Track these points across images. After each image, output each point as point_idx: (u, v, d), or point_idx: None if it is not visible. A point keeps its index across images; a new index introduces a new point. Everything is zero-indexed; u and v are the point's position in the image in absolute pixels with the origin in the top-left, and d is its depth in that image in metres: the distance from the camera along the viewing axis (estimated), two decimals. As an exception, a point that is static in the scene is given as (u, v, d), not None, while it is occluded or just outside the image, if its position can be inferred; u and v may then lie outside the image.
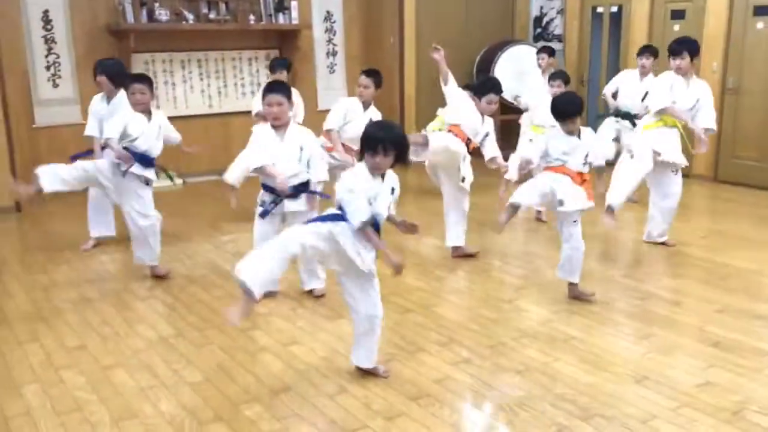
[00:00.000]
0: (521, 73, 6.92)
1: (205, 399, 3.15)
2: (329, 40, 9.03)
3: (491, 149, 4.90)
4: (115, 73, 5.23)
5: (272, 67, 6.29)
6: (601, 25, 8.73)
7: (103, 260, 5.22)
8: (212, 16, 7.89)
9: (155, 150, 4.64)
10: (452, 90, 4.95)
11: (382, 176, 3.13)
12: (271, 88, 4.03)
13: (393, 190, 3.16)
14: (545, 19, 9.33)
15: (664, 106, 4.99)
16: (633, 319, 4.02)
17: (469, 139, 4.81)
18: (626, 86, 6.42)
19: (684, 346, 3.65)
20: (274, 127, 4.02)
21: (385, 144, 3.01)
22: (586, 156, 4.14)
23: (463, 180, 4.90)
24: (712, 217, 6.36)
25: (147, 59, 7.79)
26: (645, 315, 4.10)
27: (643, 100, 5.65)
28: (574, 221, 4.15)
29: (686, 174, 5.44)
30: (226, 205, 6.70)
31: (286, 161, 4.01)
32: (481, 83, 4.90)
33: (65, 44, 7.40)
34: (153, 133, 4.60)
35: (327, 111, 5.65)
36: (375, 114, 5.45)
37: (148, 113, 4.60)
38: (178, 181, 5.45)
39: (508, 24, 9.66)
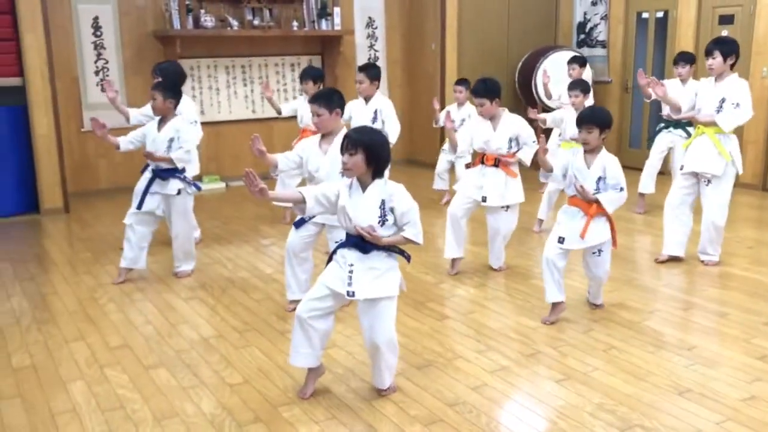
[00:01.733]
0: (564, 80, 6.84)
1: (245, 400, 3.19)
2: (371, 46, 9.09)
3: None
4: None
5: (300, 78, 6.17)
6: (647, 30, 8.61)
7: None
8: (256, 22, 8.01)
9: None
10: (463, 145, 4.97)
11: (363, 186, 2.98)
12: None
13: (383, 202, 2.95)
14: (589, 25, 9.23)
15: (681, 115, 5.05)
16: (675, 330, 3.95)
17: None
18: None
19: (729, 358, 3.57)
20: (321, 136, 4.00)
21: (348, 142, 2.91)
22: (599, 182, 3.86)
23: (507, 208, 4.81)
24: (759, 228, 6.20)
25: (192, 65, 7.94)
26: (688, 326, 4.02)
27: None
28: (593, 253, 4.02)
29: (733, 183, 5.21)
30: (267, 209, 6.79)
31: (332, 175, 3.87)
32: (472, 90, 4.78)
33: (114, 50, 7.60)
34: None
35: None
36: (380, 104, 5.60)
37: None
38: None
39: (551, 30, 9.59)
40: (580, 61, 6.85)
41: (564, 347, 3.71)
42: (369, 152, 2.91)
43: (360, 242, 2.98)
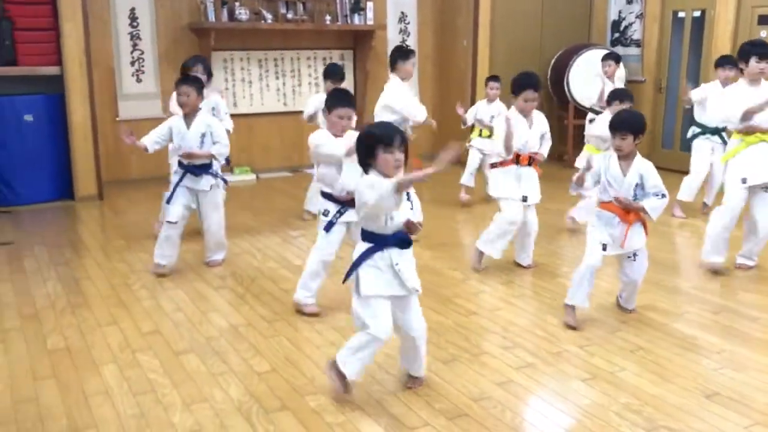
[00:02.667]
0: (598, 77, 6.80)
1: (272, 388, 3.24)
2: (403, 41, 9.10)
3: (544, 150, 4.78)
4: None
5: (324, 75, 6.10)
6: (683, 30, 8.50)
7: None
8: (290, 16, 8.07)
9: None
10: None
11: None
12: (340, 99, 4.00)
13: (408, 195, 3.01)
14: (623, 24, 9.14)
15: (740, 123, 4.69)
16: (705, 333, 3.91)
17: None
18: (710, 100, 6.14)
19: (759, 363, 3.53)
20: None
21: (402, 139, 2.92)
22: (636, 189, 3.79)
23: (525, 199, 4.75)
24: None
25: (226, 57, 8.03)
26: (718, 329, 3.98)
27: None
28: (628, 257, 3.97)
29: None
30: (296, 201, 6.84)
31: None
32: (515, 80, 4.63)
33: (149, 41, 7.71)
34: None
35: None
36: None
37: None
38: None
39: (585, 28, 9.52)
40: (614, 58, 6.77)
41: (591, 347, 3.70)
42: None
43: (406, 237, 3.00)
